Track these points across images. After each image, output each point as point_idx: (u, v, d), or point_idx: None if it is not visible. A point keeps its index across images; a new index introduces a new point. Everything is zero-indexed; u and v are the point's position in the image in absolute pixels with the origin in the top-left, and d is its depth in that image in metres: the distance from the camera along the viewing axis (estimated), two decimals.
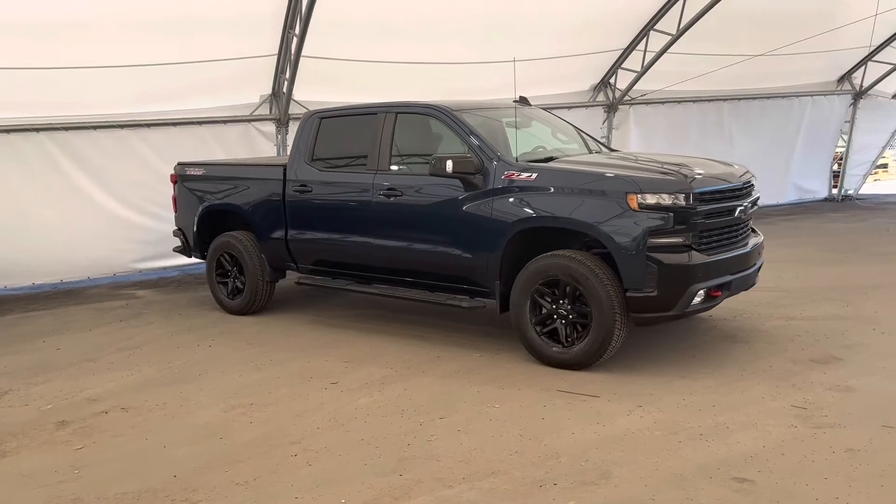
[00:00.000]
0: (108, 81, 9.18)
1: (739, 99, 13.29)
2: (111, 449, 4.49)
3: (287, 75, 9.79)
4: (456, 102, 6.42)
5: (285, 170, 7.04)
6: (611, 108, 12.33)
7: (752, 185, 5.79)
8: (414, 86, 10.80)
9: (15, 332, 7.50)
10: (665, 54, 11.33)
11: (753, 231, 6.04)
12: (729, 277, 5.37)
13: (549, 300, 5.39)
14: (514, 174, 5.62)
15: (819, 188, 14.86)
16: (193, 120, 9.96)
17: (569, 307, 5.35)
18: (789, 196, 14.45)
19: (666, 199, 5.10)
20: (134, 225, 9.83)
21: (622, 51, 11.75)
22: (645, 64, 11.45)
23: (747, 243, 5.65)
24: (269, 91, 10.36)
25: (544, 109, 7.43)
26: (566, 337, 5.38)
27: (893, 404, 4.51)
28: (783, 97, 13.63)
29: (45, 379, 5.91)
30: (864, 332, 5.92)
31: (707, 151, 12.55)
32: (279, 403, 5.09)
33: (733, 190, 5.47)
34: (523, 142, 6.54)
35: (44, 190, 9.55)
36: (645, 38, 11.26)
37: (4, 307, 8.65)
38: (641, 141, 12.66)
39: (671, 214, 5.09)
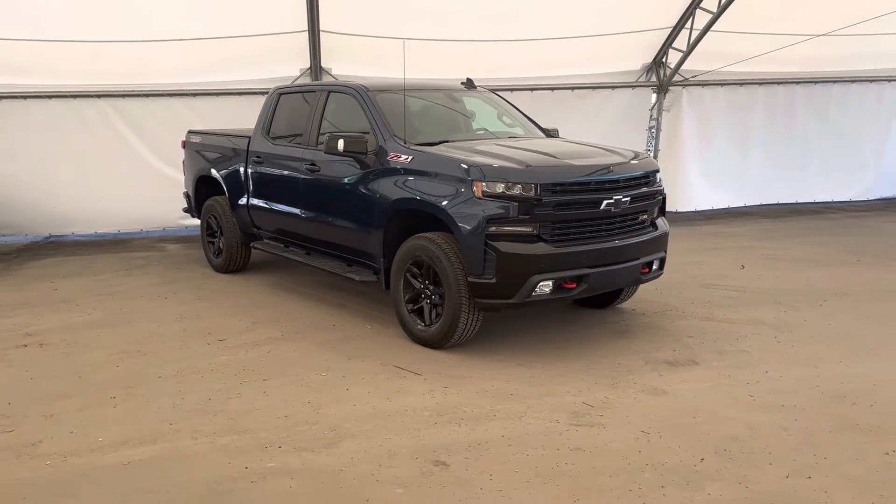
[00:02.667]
0: (160, 54, 10.16)
1: (815, 82, 12.31)
2: None
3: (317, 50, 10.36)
4: (383, 83, 6.77)
5: (249, 142, 7.60)
6: (660, 89, 11.85)
7: (641, 177, 5.65)
8: (455, 64, 11.06)
9: (39, 272, 8.72)
10: (728, 33, 10.71)
11: (653, 225, 5.87)
12: (585, 271, 5.32)
13: (418, 280, 5.60)
14: (396, 156, 5.85)
15: None
16: (234, 91, 10.78)
17: (431, 288, 5.55)
18: (879, 191, 13.24)
19: (509, 189, 5.15)
20: (180, 184, 10.85)
21: (671, 28, 11.25)
22: (690, 43, 10.91)
23: (621, 237, 5.50)
24: (308, 65, 10.94)
25: (494, 92, 7.45)
26: (430, 316, 5.56)
27: (681, 414, 4.39)
28: (871, 81, 12.44)
29: (13, 313, 6.89)
30: (760, 340, 5.67)
31: (774, 139, 11.91)
32: (157, 353, 5.70)
33: (599, 183, 5.38)
34: (455, 124, 6.71)
35: (103, 150, 10.80)
36: (691, 17, 10.72)
37: (59, 250, 10.08)
38: (695, 125, 12.11)
39: (515, 204, 5.14)
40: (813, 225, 10.84)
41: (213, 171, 8.18)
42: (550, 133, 6.98)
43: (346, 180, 6.23)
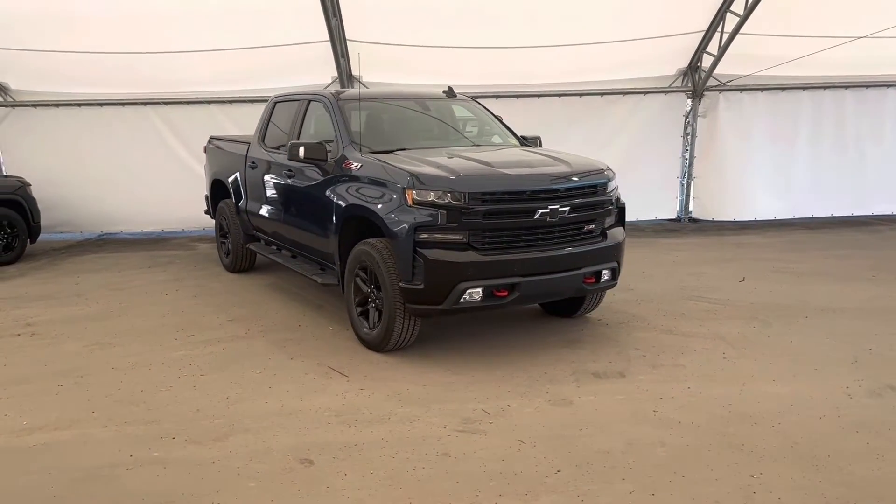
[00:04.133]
0: (200, 63, 10.80)
1: (867, 86, 11.70)
2: None
3: (344, 59, 10.71)
4: (355, 93, 6.92)
5: (248, 148, 8.00)
6: (695, 94, 11.57)
7: (584, 188, 5.64)
8: (482, 71, 11.22)
9: (74, 267, 9.47)
10: (766, 36, 10.39)
11: (603, 235, 5.85)
12: (516, 279, 5.37)
13: (366, 284, 5.78)
14: (349, 163, 6.06)
15: None
16: (268, 98, 11.25)
17: (376, 292, 5.74)
18: None
19: (439, 197, 5.26)
20: None
21: (704, 32, 11.00)
22: (721, 46, 10.63)
23: (559, 247, 5.51)
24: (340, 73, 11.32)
25: (474, 99, 7.54)
26: (373, 320, 5.74)
27: (570, 425, 4.38)
28: None
29: (27, 305, 7.52)
30: (705, 356, 5.56)
31: (824, 147, 11.39)
32: (125, 346, 6.12)
33: (534, 192, 5.41)
34: (421, 133, 6.87)
35: (148, 154, 11.57)
36: (721, 21, 10.46)
37: (103, 247, 10.92)
38: (733, 131, 11.75)
39: (444, 212, 5.26)
40: (848, 237, 10.33)
41: (222, 176, 8.60)
42: (528, 142, 6.99)
43: (311, 186, 6.49)
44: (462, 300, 5.25)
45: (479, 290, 5.28)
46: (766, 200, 11.87)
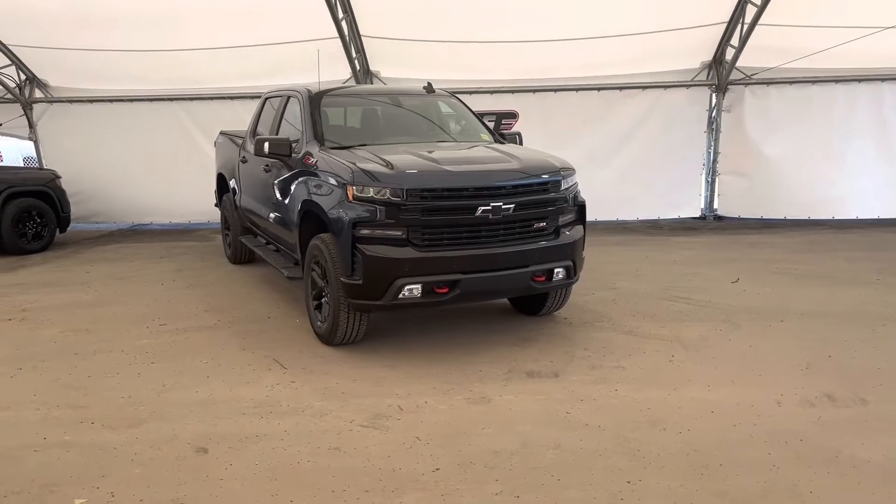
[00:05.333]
0: (225, 60, 11.13)
1: None
2: None
3: (354, 54, 10.86)
4: (331, 88, 6.97)
5: (243, 143, 8.21)
6: (718, 88, 11.22)
7: (532, 185, 5.56)
8: (498, 65, 11.20)
9: (94, 255, 9.96)
10: (791, 27, 10.02)
11: (556, 233, 5.78)
12: (457, 276, 5.37)
13: (320, 278, 5.85)
14: (308, 158, 6.16)
15: None
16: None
17: (327, 286, 5.82)
18: None
19: (378, 193, 5.31)
20: None
21: (727, 24, 10.66)
22: (742, 37, 10.28)
23: (504, 244, 5.46)
24: (358, 68, 11.48)
25: (454, 95, 7.52)
26: (325, 314, 5.80)
27: (475, 424, 4.35)
28: None
29: (31, 291, 7.94)
30: (653, 358, 5.43)
31: (861, 145, 10.86)
32: (98, 333, 6.38)
33: (477, 189, 5.39)
34: (388, 129, 6.93)
35: (176, 148, 12.01)
36: (742, 12, 10.12)
37: (130, 237, 11.43)
38: (760, 126, 11.32)
39: (383, 208, 5.30)
40: (873, 239, 9.86)
41: (225, 170, 8.84)
42: (506, 139, 6.93)
43: (280, 181, 6.62)
44: (401, 296, 5.26)
45: (419, 286, 5.28)
46: (797, 199, 11.41)
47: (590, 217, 11.09)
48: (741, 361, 5.30)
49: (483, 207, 5.32)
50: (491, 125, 10.82)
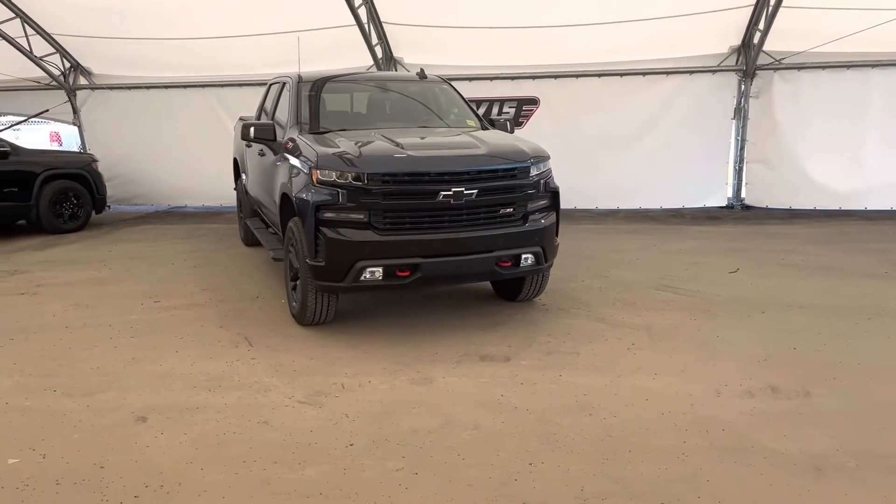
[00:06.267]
0: (252, 47, 11.47)
1: None
2: None
3: (376, 41, 11.01)
4: (320, 74, 7.10)
5: None
6: (746, 73, 10.94)
7: (496, 171, 5.59)
8: (516, 51, 11.19)
9: (122, 236, 10.47)
10: (821, 10, 9.66)
11: (524, 219, 5.81)
12: (417, 260, 5.47)
13: (296, 259, 5.98)
14: (288, 143, 6.35)
15: None
16: None
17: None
18: None
19: (339, 177, 5.45)
20: None
21: (753, 7, 10.38)
22: (766, 19, 10.00)
23: (468, 230, 5.51)
24: (381, 55, 11.63)
25: (446, 81, 7.57)
26: (299, 294, 5.95)
27: (409, 403, 4.44)
28: None
29: (51, 268, 8.39)
30: (611, 346, 5.41)
31: (886, 130, 10.48)
32: (96, 308, 6.71)
33: (438, 174, 5.46)
34: (372, 115, 7.07)
35: (208, 133, 12.42)
36: None
37: (163, 218, 11.93)
38: (790, 113, 10.96)
39: (345, 191, 5.44)
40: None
41: (238, 154, 9.13)
42: (494, 125, 6.95)
43: (268, 165, 6.81)
44: (362, 278, 5.38)
45: (380, 269, 5.39)
46: (828, 189, 11.02)
47: (611, 205, 11.11)
48: (700, 351, 5.22)
49: (444, 192, 5.38)
50: (512, 111, 10.91)
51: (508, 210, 5.65)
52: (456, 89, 7.41)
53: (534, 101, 11.31)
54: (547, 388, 4.60)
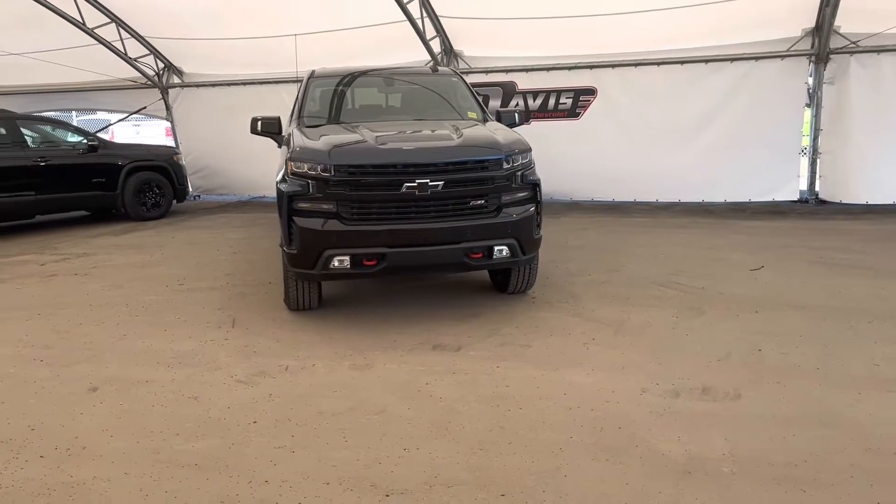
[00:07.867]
0: (317, 45, 11.96)
1: None
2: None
3: (432, 35, 11.23)
4: (336, 70, 7.43)
5: None
6: (819, 58, 10.32)
7: (465, 163, 5.61)
8: (573, 41, 11.12)
9: (195, 223, 11.27)
10: None
11: (498, 211, 5.87)
12: (383, 250, 5.66)
13: None
14: (286, 136, 6.69)
15: None
16: None
17: None
18: None
19: (309, 168, 5.72)
20: None
21: None
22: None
23: (435, 221, 5.59)
24: (440, 49, 11.84)
25: (457, 73, 7.64)
26: None
27: (329, 388, 4.56)
28: None
29: (116, 251, 9.21)
30: (571, 340, 5.32)
31: None
32: (128, 288, 7.29)
33: (404, 166, 5.61)
34: (370, 108, 7.30)
35: None
36: None
37: (240, 208, 12.88)
38: (869, 100, 10.18)
39: (314, 182, 5.71)
40: None
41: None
42: (503, 117, 6.98)
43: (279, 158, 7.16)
44: (331, 266, 5.60)
45: (347, 258, 5.58)
46: None
47: (672, 199, 10.79)
48: (656, 349, 5.07)
49: (408, 184, 5.48)
50: (569, 102, 10.79)
51: (479, 202, 5.67)
52: (465, 81, 7.45)
53: (591, 92, 11.11)
54: (474, 379, 4.63)
